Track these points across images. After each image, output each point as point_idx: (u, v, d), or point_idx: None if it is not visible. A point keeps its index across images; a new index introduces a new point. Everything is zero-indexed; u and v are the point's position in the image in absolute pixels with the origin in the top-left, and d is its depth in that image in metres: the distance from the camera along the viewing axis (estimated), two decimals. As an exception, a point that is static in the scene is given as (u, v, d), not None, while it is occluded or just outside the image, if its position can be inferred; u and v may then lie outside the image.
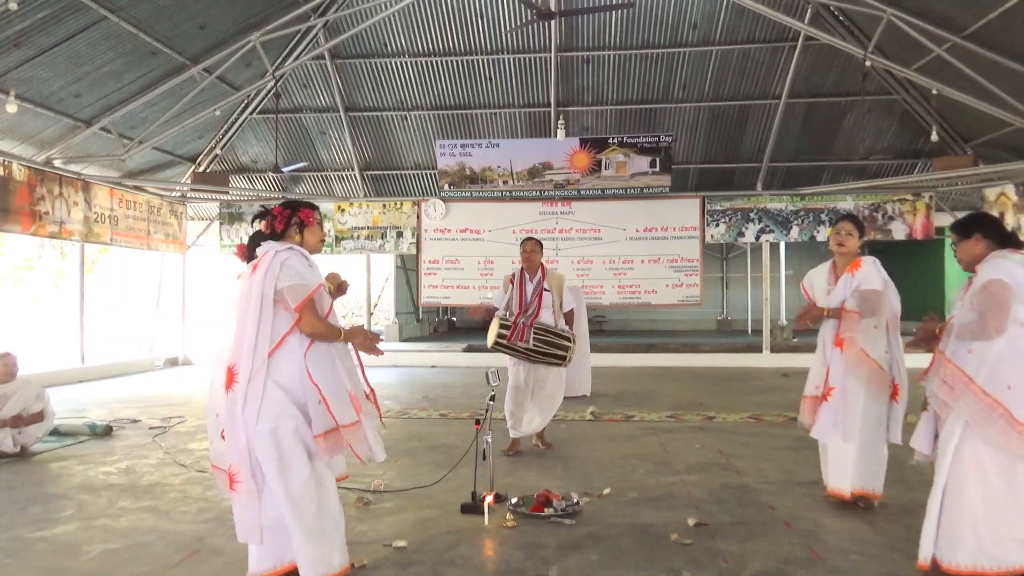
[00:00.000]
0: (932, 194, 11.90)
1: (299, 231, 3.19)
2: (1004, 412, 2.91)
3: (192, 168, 12.75)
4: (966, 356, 3.05)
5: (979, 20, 8.09)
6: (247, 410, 2.90)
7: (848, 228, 4.26)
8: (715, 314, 20.29)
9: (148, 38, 9.01)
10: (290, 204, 3.25)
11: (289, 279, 2.96)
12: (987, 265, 3.12)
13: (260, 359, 2.92)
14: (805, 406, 4.32)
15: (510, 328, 5.48)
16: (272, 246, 3.09)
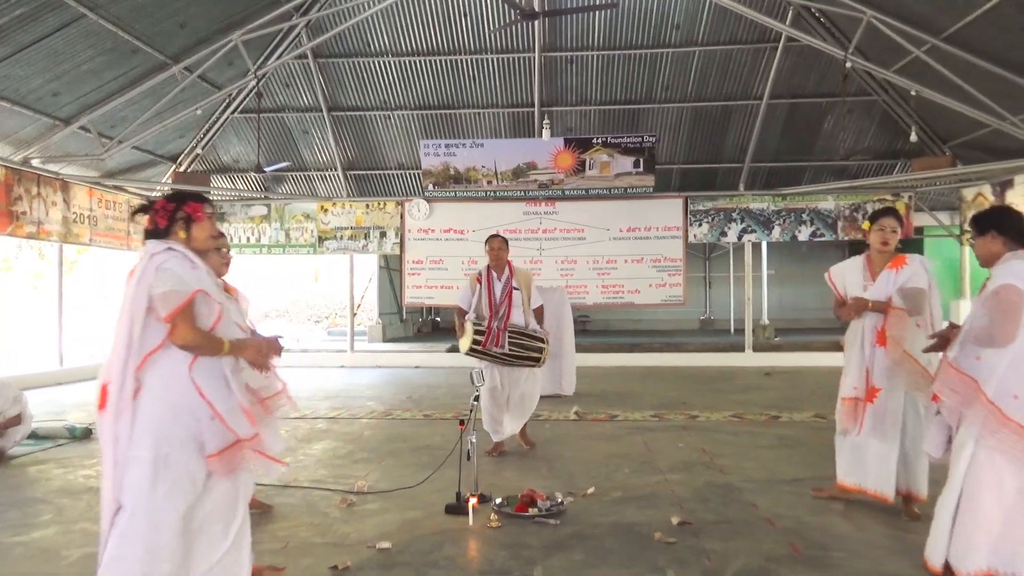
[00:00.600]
0: (911, 194, 12.03)
1: (185, 227, 2.79)
2: (1008, 421, 2.83)
3: (173, 168, 12.63)
4: (974, 364, 2.96)
5: (957, 22, 8.19)
6: (120, 434, 2.56)
7: (894, 225, 4.07)
8: (698, 314, 20.40)
9: (128, 36, 8.91)
10: (175, 196, 2.86)
11: (163, 285, 2.60)
12: (1002, 268, 3.01)
13: (131, 376, 2.58)
14: (845, 409, 4.14)
15: (484, 334, 5.41)
16: (149, 247, 2.72)
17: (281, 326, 19.90)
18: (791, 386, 9.74)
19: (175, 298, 2.61)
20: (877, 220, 4.13)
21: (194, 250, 2.80)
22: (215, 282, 2.85)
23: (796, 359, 12.41)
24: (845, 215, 12.14)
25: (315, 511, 4.27)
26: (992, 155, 10.35)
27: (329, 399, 8.71)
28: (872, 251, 4.16)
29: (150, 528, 2.54)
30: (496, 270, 5.64)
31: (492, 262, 5.64)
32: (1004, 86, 8.50)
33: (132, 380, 2.59)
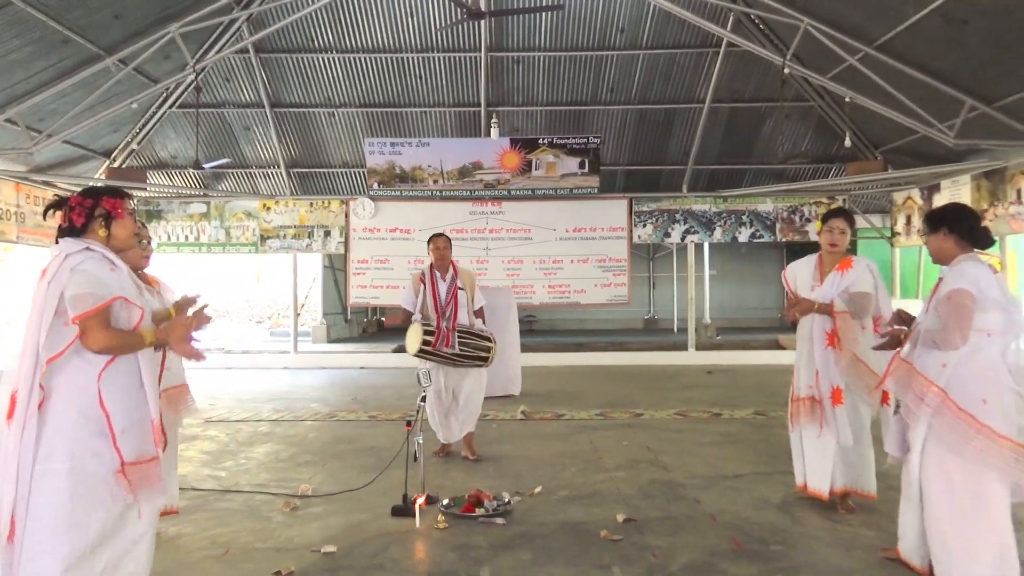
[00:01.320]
0: (845, 197, 12.44)
1: (104, 225, 2.64)
2: (982, 427, 2.84)
3: (106, 163, 12.18)
4: (940, 370, 2.97)
5: (888, 32, 8.50)
6: (25, 445, 2.38)
7: (842, 226, 4.09)
8: (642, 313, 20.69)
9: (58, 26, 8.54)
10: (92, 192, 2.72)
11: (76, 287, 2.44)
12: (954, 271, 3.06)
13: (38, 383, 2.42)
14: (802, 408, 4.14)
15: (434, 334, 5.34)
16: (64, 246, 2.56)
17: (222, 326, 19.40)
18: (732, 384, 9.97)
19: (88, 300, 2.45)
20: (827, 221, 4.17)
21: (114, 249, 2.66)
22: (136, 283, 2.69)
23: (736, 357, 12.72)
24: (783, 217, 12.48)
25: (257, 516, 4.18)
26: (921, 160, 10.78)
27: (272, 401, 8.54)
28: (823, 251, 4.22)
29: (70, 546, 2.38)
30: (440, 270, 5.57)
31: (436, 262, 5.57)
32: (932, 94, 8.86)
33: (38, 388, 2.42)
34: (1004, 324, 2.97)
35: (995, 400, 2.90)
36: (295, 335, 13.44)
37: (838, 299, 3.99)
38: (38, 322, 2.45)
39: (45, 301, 2.46)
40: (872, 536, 3.73)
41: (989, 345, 2.96)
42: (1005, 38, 7.52)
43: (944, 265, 3.19)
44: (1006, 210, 9.50)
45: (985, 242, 3.14)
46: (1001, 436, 2.85)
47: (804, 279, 4.24)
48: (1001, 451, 2.84)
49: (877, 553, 3.47)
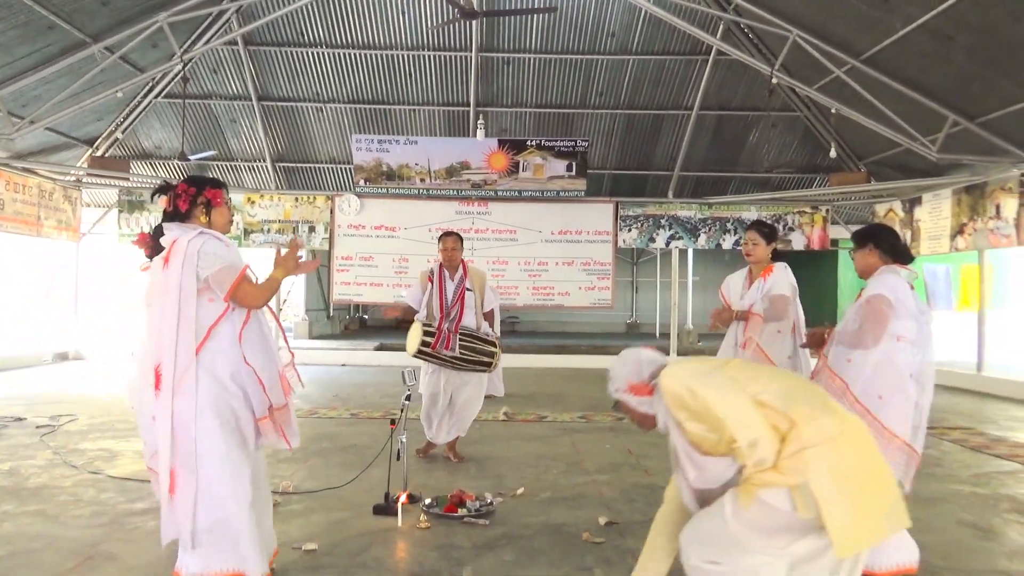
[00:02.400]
0: (829, 207, 12.57)
1: (206, 212, 2.96)
2: (873, 420, 3.07)
3: (89, 152, 12.04)
4: (845, 365, 3.23)
5: (875, 46, 8.61)
6: (183, 409, 2.75)
7: (754, 238, 4.42)
8: (625, 317, 20.78)
9: (44, 11, 8.43)
10: (195, 181, 2.99)
11: (211, 265, 2.79)
12: (875, 279, 3.33)
13: (188, 355, 2.76)
14: None
15: (434, 335, 5.17)
16: (180, 232, 2.87)
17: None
18: (713, 389, 10.02)
19: (230, 272, 2.82)
20: (745, 233, 4.55)
21: None
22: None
23: (717, 363, 12.79)
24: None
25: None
26: (903, 173, 10.93)
27: (252, 396, 8.46)
28: (749, 263, 4.53)
29: (237, 485, 2.80)
30: (449, 269, 5.43)
31: (445, 261, 5.42)
32: (916, 108, 8.99)
33: (191, 359, 2.76)
34: (915, 332, 3.21)
35: (891, 399, 3.13)
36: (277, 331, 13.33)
37: (759, 303, 4.25)
38: (176, 303, 2.76)
39: (181, 283, 2.77)
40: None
41: (899, 350, 3.20)
42: (989, 55, 7.65)
43: (866, 278, 3.45)
44: (985, 224, 9.64)
45: (906, 257, 3.42)
46: (892, 434, 3.09)
47: (736, 290, 4.54)
48: (890, 447, 3.06)
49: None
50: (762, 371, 2.64)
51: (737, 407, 2.22)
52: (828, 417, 2.21)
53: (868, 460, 2.21)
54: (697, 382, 2.33)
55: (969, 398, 9.30)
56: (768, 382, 2.35)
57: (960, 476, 5.25)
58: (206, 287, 2.81)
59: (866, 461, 2.20)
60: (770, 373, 2.69)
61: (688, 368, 2.48)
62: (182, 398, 2.75)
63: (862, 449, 2.20)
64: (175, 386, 2.74)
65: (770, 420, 2.20)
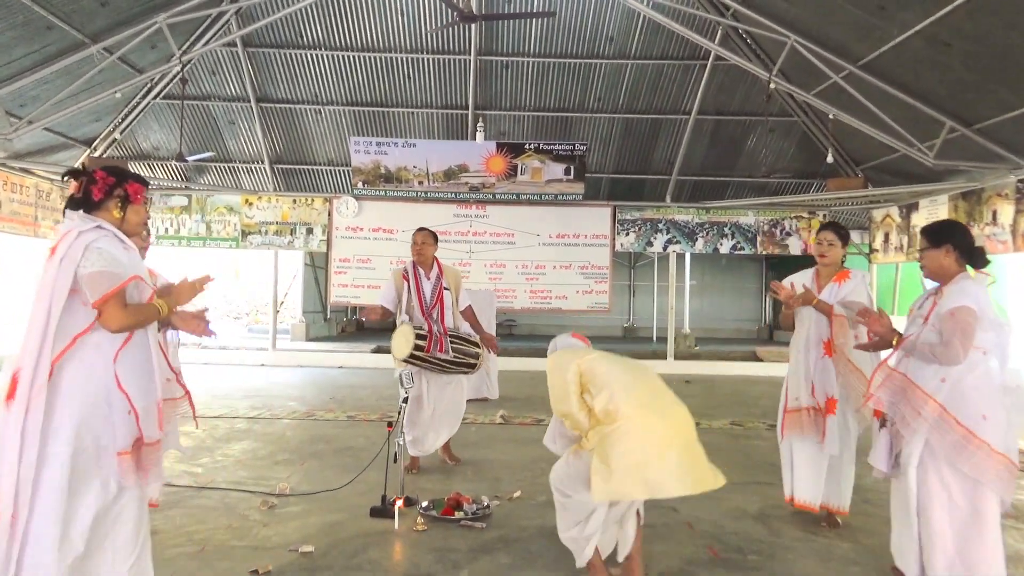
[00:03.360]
0: (826, 212, 12.60)
1: (120, 206, 2.64)
2: (981, 443, 2.89)
3: (87, 152, 12.02)
4: (939, 384, 2.99)
5: (873, 52, 8.63)
6: (30, 427, 2.34)
7: (830, 238, 4.14)
8: (622, 321, 20.78)
9: (43, 11, 8.42)
10: (117, 171, 2.71)
11: (92, 265, 2.43)
12: (956, 287, 3.08)
13: (46, 363, 2.38)
14: (789, 420, 4.12)
15: (426, 339, 4.96)
16: (77, 223, 2.53)
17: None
18: (709, 394, 10.04)
19: (107, 281, 2.45)
20: (818, 234, 4.25)
21: (124, 232, 2.65)
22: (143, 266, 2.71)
23: (714, 368, 12.82)
24: (764, 230, 12.62)
25: (234, 513, 4.15)
26: (900, 179, 10.95)
27: (249, 398, 8.47)
28: (818, 264, 4.25)
29: (64, 530, 2.38)
30: (423, 267, 5.24)
31: (416, 258, 5.23)
32: (913, 114, 9.01)
33: (47, 368, 2.39)
34: (995, 344, 3.02)
35: (993, 416, 2.94)
36: (274, 332, 13.35)
37: (836, 307, 4.00)
38: (48, 300, 2.42)
39: (58, 278, 2.43)
40: (847, 548, 3.78)
41: (984, 362, 3.01)
42: (986, 62, 7.67)
43: (937, 281, 3.21)
44: (982, 231, 9.66)
45: (983, 261, 3.18)
46: (998, 452, 2.90)
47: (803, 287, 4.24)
48: (996, 467, 2.89)
49: (854, 566, 3.51)
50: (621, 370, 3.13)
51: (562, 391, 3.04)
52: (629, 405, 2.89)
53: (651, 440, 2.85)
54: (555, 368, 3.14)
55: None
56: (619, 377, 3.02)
57: None
58: (79, 288, 2.46)
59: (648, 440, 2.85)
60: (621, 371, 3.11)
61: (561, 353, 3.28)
62: (33, 414, 2.35)
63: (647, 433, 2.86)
64: (29, 400, 2.36)
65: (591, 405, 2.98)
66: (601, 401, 2.93)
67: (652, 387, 3.08)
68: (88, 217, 2.58)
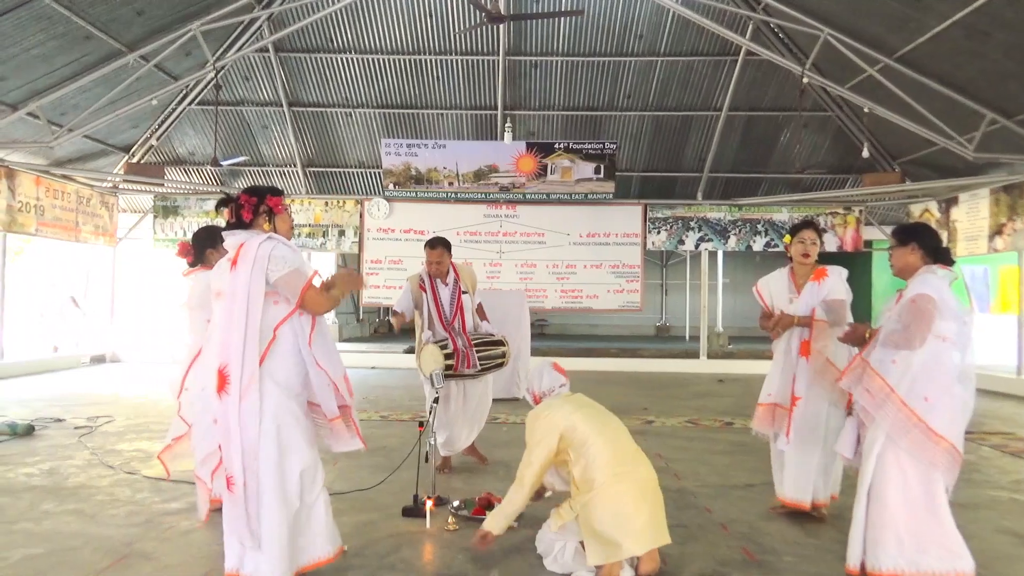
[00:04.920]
0: (862, 208, 12.38)
1: (268, 219, 3.04)
2: (919, 422, 3.03)
3: (125, 158, 12.29)
4: (890, 366, 3.14)
5: (909, 44, 8.47)
6: (248, 411, 2.81)
7: (813, 237, 4.20)
8: (654, 320, 20.65)
9: (82, 21, 8.65)
10: (256, 191, 3.08)
11: (281, 269, 2.86)
12: (917, 279, 3.25)
13: (254, 358, 2.82)
14: (760, 413, 4.28)
15: (453, 357, 4.87)
16: (248, 236, 2.93)
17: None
18: (744, 393, 9.92)
19: (299, 277, 2.88)
20: (797, 233, 4.27)
21: None
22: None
23: (748, 367, 12.64)
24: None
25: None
26: (938, 173, 10.72)
27: (283, 399, 8.55)
28: (795, 263, 4.29)
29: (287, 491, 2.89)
30: (439, 276, 5.19)
31: (433, 272, 5.15)
32: (951, 106, 8.81)
33: (256, 361, 2.81)
34: (956, 334, 3.13)
35: (937, 400, 3.06)
36: (307, 333, 13.47)
37: (818, 308, 4.07)
38: (244, 306, 2.82)
39: (252, 285, 2.83)
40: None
41: (944, 351, 3.12)
42: (1027, 52, 7.48)
43: (903, 278, 3.38)
44: (1025, 225, 9.42)
45: (947, 259, 3.34)
46: (938, 435, 3.02)
47: (780, 292, 4.33)
48: (936, 449, 3.01)
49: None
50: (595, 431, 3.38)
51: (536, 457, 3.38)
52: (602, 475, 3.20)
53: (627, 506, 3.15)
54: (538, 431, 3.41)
55: (1009, 403, 9.08)
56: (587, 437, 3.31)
57: (999, 482, 5.13)
58: (272, 290, 2.87)
59: (624, 506, 3.15)
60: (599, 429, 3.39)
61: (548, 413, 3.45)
62: (248, 401, 2.80)
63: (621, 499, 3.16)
64: (242, 389, 2.80)
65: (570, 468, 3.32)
66: (579, 470, 3.26)
67: (622, 447, 3.38)
68: (254, 231, 2.98)
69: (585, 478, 3.24)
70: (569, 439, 3.33)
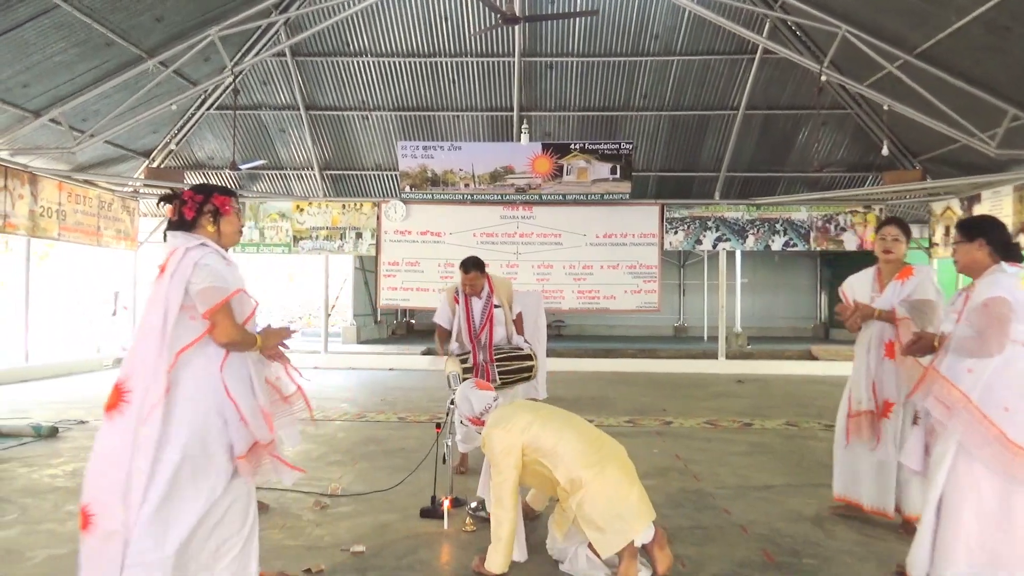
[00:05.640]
0: (882, 207, 12.24)
1: (213, 220, 2.76)
2: (999, 434, 2.82)
3: (145, 163, 12.43)
4: (964, 375, 2.93)
5: (929, 40, 8.36)
6: (144, 436, 2.47)
7: (894, 233, 3.99)
8: (672, 320, 20.55)
9: (102, 29, 8.76)
10: (202, 188, 2.83)
11: (202, 281, 2.58)
12: (987, 279, 3.04)
13: (163, 376, 2.51)
14: (851, 424, 4.02)
15: (472, 369, 5.00)
16: (181, 242, 2.67)
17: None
18: (763, 393, 9.85)
19: (216, 294, 2.58)
20: (880, 230, 4.09)
21: (220, 244, 2.79)
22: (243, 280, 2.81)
23: (767, 367, 12.56)
24: (818, 226, 12.33)
25: (288, 513, 4.23)
26: (960, 170, 10.57)
27: (302, 400, 8.61)
28: (880, 261, 4.09)
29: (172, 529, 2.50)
30: (474, 295, 5.26)
31: (468, 291, 5.22)
32: (973, 103, 8.69)
33: (163, 380, 2.51)
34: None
35: (1017, 409, 2.85)
36: (325, 335, 13.58)
37: (899, 307, 3.86)
38: (161, 315, 2.55)
39: (169, 294, 2.57)
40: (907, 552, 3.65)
41: (1020, 355, 2.91)
42: (1051, 46, 7.37)
43: (969, 276, 3.17)
44: (1049, 222, 9.27)
45: (1018, 257, 3.10)
46: (1017, 447, 2.80)
47: (863, 291, 4.12)
48: (1015, 461, 2.80)
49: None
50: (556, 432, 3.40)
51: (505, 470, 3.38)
52: (586, 471, 3.22)
53: (615, 491, 3.21)
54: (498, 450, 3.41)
55: None
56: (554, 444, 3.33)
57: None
58: (191, 304, 2.60)
59: (612, 492, 3.20)
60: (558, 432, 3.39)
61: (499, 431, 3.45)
62: (150, 424, 2.48)
63: (608, 486, 3.21)
64: (143, 409, 2.49)
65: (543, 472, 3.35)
66: (563, 474, 3.26)
67: (589, 437, 3.42)
68: (191, 236, 2.72)
69: (571, 479, 3.24)
70: (535, 448, 3.34)
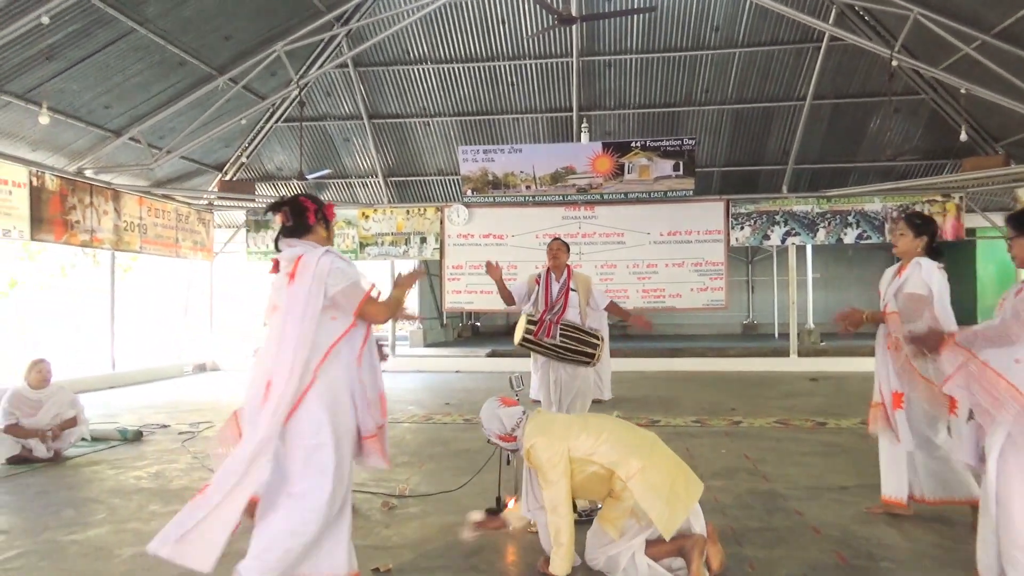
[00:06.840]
0: (962, 195, 11.70)
1: (326, 226, 3.06)
2: None
3: (219, 176, 12.93)
4: (1012, 365, 2.82)
5: (1007, 18, 7.96)
6: (301, 423, 2.74)
7: (900, 228, 4.12)
8: (741, 318, 20.11)
9: (175, 49, 9.16)
10: (314, 197, 3.09)
11: (339, 282, 2.83)
12: None
13: (307, 373, 2.75)
14: (872, 414, 4.11)
15: (537, 324, 5.33)
16: (306, 249, 2.89)
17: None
18: (837, 392, 9.55)
19: (358, 290, 2.87)
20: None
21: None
22: None
23: (843, 364, 12.14)
24: (892, 217, 11.85)
25: (357, 514, 4.32)
26: (1047, 153, 10.02)
27: (370, 403, 8.79)
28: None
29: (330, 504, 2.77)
30: (555, 272, 5.60)
31: (551, 263, 5.62)
32: (1059, 82, 8.24)
33: (308, 375, 2.76)
34: None
35: None
36: (393, 339, 13.82)
37: (892, 301, 3.94)
38: (301, 317, 2.78)
39: (310, 298, 2.80)
40: (993, 556, 3.48)
41: None
42: None
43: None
44: None
45: None
46: None
47: (885, 284, 4.20)
48: None
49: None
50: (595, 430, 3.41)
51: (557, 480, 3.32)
52: (635, 457, 3.26)
53: (667, 470, 3.26)
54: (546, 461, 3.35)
55: None
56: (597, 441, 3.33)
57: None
58: (330, 305, 2.83)
59: (665, 472, 3.24)
60: (598, 430, 3.41)
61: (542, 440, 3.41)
62: (302, 413, 2.75)
63: (660, 466, 3.27)
64: (288, 403, 2.72)
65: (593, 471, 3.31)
66: (616, 463, 3.26)
67: (626, 427, 3.52)
68: (308, 243, 2.96)
69: (626, 465, 3.24)
70: (581, 448, 3.33)
